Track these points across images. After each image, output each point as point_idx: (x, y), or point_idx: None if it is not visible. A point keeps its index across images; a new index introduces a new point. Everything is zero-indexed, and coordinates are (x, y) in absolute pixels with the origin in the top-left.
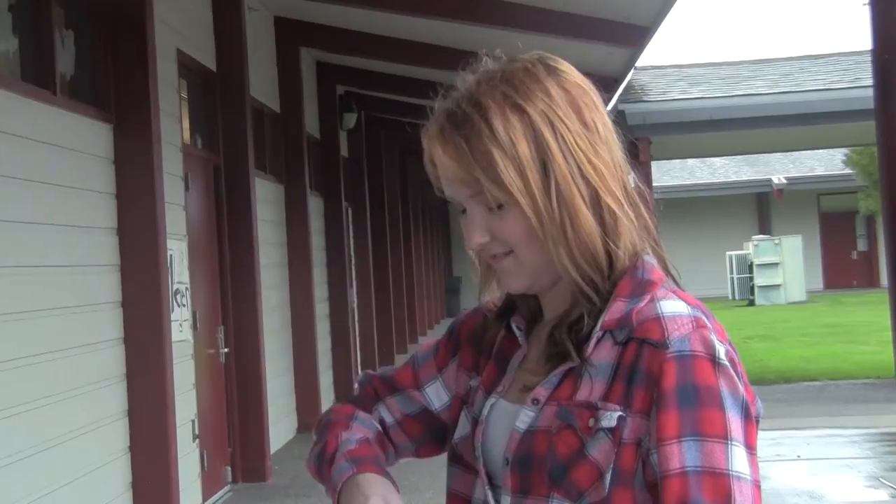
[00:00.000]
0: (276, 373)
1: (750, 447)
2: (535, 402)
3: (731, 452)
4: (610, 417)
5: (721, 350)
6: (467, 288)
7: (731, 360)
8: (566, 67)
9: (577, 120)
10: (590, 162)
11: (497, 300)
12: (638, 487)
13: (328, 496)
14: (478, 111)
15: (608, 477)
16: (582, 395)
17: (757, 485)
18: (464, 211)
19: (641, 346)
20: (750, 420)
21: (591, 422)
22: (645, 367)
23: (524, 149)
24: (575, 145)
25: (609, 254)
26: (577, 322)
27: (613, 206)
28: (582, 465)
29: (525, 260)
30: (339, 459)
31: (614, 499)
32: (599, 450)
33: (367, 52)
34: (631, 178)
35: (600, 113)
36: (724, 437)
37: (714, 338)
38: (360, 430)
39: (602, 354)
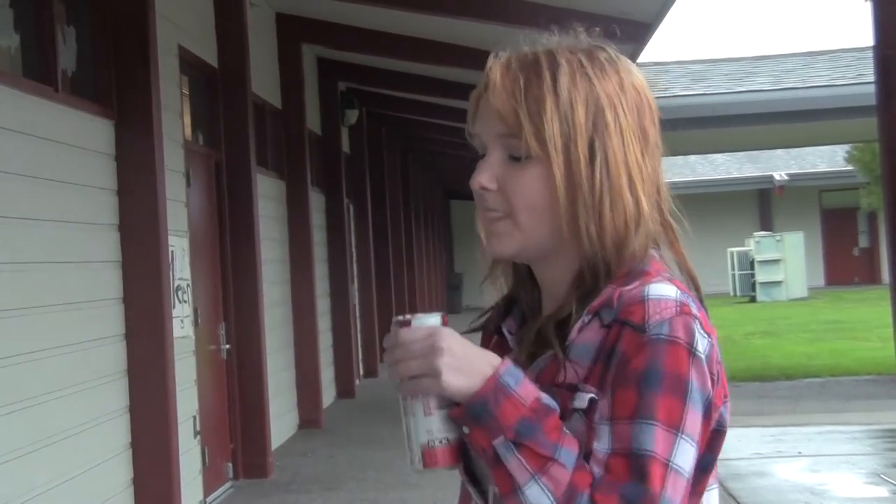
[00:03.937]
0: (278, 369)
1: (699, 443)
2: None
3: (679, 445)
4: (582, 398)
5: (701, 342)
6: (469, 284)
7: (709, 357)
8: (643, 78)
9: (635, 121)
10: (638, 157)
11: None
12: None
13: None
14: (549, 62)
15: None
16: (566, 377)
17: (689, 481)
18: (483, 155)
19: (623, 329)
20: (708, 418)
21: (570, 403)
22: (622, 349)
23: (580, 115)
24: (630, 137)
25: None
26: (566, 319)
27: (644, 204)
28: None
29: (522, 225)
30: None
31: None
32: (575, 431)
33: (368, 48)
34: (668, 205)
35: (656, 130)
36: (678, 428)
37: (696, 327)
38: None
39: (588, 336)
